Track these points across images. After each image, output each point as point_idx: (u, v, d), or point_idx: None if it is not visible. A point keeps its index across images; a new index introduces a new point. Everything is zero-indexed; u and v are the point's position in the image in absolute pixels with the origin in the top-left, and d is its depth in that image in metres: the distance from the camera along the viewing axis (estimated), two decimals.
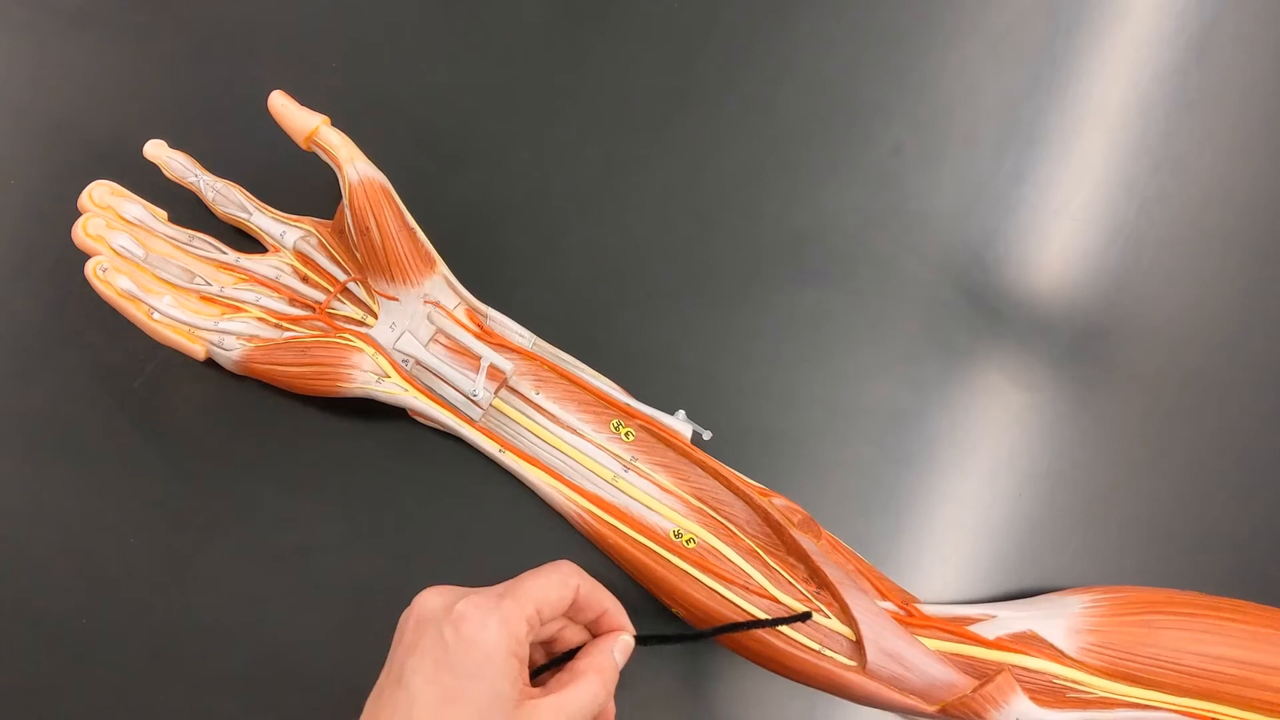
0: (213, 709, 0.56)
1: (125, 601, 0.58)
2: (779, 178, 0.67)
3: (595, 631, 0.49)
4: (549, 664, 0.48)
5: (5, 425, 0.62)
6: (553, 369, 0.59)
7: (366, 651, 0.57)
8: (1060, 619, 0.52)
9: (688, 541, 0.54)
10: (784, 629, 0.51)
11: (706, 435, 0.58)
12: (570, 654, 0.47)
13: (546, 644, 0.49)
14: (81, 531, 0.60)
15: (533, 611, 0.43)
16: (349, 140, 0.57)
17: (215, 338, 0.59)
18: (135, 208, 0.62)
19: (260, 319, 0.60)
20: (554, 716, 0.42)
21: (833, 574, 0.52)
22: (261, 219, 0.63)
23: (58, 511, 0.60)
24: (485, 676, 0.41)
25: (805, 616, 0.51)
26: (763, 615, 0.51)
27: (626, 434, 0.58)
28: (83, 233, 0.59)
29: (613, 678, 0.46)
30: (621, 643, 0.48)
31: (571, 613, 0.47)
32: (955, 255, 0.64)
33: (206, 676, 0.57)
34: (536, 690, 0.44)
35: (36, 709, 0.56)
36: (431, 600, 0.43)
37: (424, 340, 0.59)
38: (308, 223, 0.63)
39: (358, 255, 0.59)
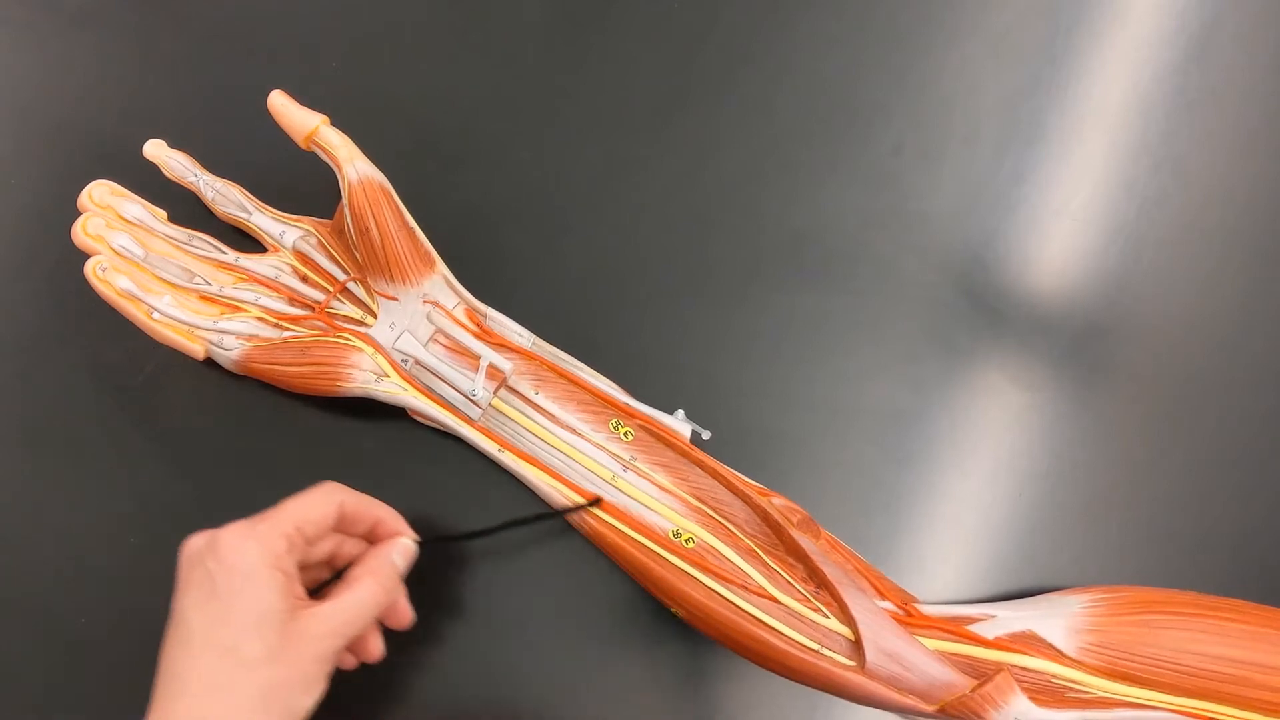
0: None
1: (125, 601, 0.58)
2: (779, 177, 0.67)
3: (374, 543, 0.51)
4: (332, 579, 0.49)
5: (5, 424, 0.62)
6: (552, 368, 0.59)
7: None
8: (1059, 619, 0.52)
9: (687, 541, 0.54)
10: (784, 629, 0.51)
11: (706, 435, 0.58)
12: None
13: (330, 563, 0.50)
14: (81, 531, 0.60)
15: (291, 528, 0.46)
16: (348, 140, 0.57)
17: (215, 337, 0.59)
18: (135, 207, 0.62)
19: (260, 318, 0.60)
20: (329, 620, 0.45)
21: (832, 573, 0.52)
22: (261, 219, 0.63)
23: (57, 511, 0.60)
24: (249, 593, 0.43)
25: (595, 502, 0.55)
26: (763, 616, 0.51)
27: (625, 433, 0.58)
28: (82, 232, 0.60)
29: (390, 578, 0.48)
30: (399, 546, 0.50)
31: (343, 527, 0.49)
32: (955, 255, 0.64)
33: None
34: (313, 600, 0.46)
35: (36, 708, 0.56)
36: (195, 541, 0.46)
37: (423, 340, 0.59)
38: (307, 222, 0.63)
39: (357, 255, 0.59)
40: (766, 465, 0.58)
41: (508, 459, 0.57)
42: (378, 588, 0.47)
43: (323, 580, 0.50)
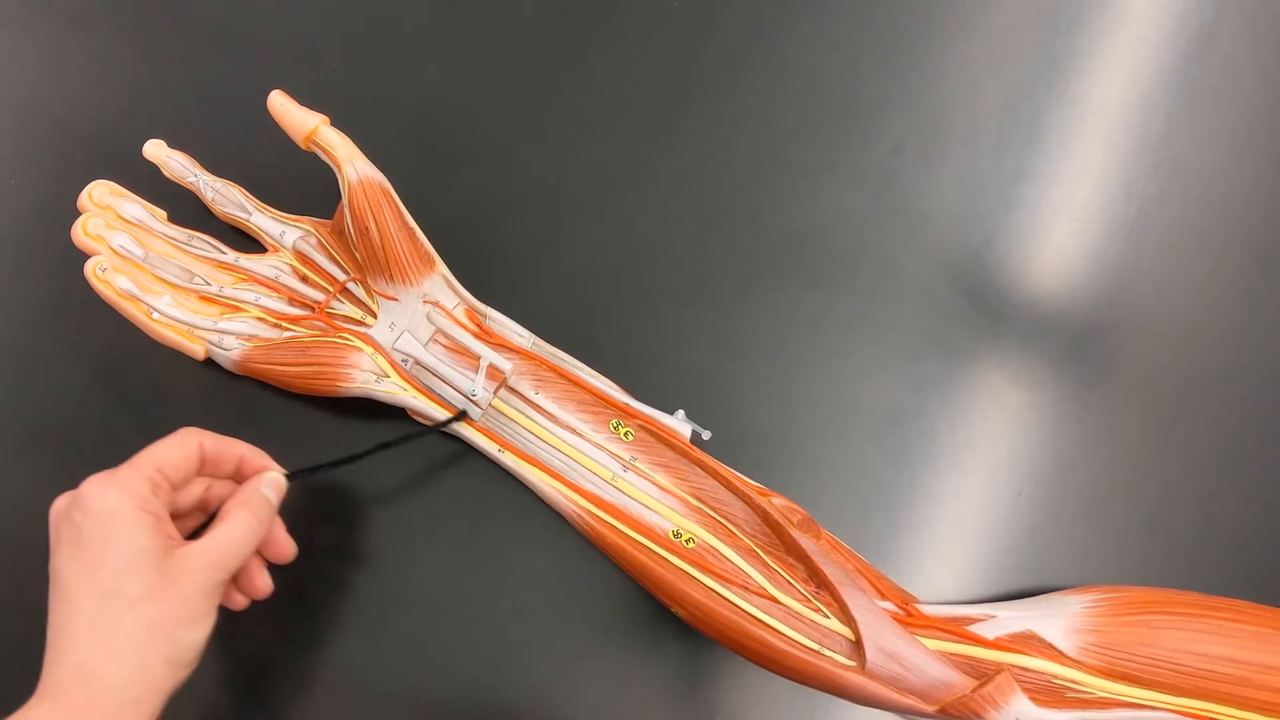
0: (212, 706, 0.56)
1: None
2: (779, 177, 0.67)
3: (240, 483, 0.51)
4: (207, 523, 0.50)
5: (5, 424, 0.62)
6: (552, 369, 0.59)
7: (367, 649, 0.57)
8: (1059, 619, 0.52)
9: (687, 541, 0.54)
10: (784, 629, 0.51)
11: (706, 435, 0.58)
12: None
13: (202, 508, 0.51)
14: None
15: (152, 471, 0.46)
16: (348, 140, 0.57)
17: (214, 337, 0.59)
18: (135, 207, 0.62)
19: (259, 319, 0.60)
20: (205, 555, 0.45)
21: (832, 574, 0.52)
22: (261, 219, 0.63)
23: None
24: (119, 536, 0.43)
25: (460, 416, 0.56)
26: (763, 616, 0.51)
27: (626, 434, 0.58)
28: (82, 232, 0.60)
29: (261, 508, 0.49)
30: (268, 479, 0.50)
31: (208, 470, 0.50)
32: (955, 255, 0.64)
33: (208, 674, 0.56)
34: (190, 540, 0.46)
35: None
36: (58, 501, 0.46)
37: (423, 340, 0.59)
38: (307, 222, 0.63)
39: (357, 255, 0.59)
40: (766, 465, 0.58)
41: (508, 459, 0.57)
42: (250, 518, 0.48)
43: (199, 526, 0.51)
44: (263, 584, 0.51)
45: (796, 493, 0.57)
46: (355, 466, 0.56)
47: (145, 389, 0.62)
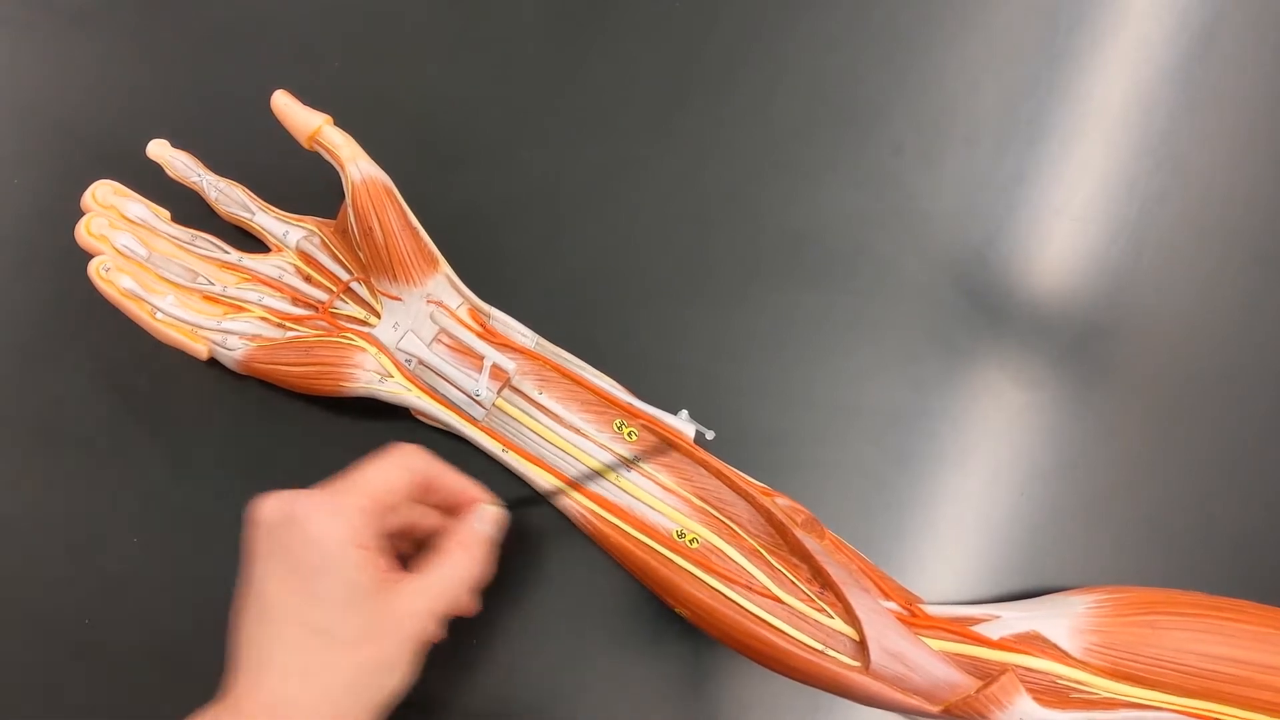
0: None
1: (128, 601, 0.58)
2: (780, 177, 0.67)
3: (454, 511, 0.49)
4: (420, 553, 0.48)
5: (8, 424, 0.62)
6: (556, 369, 0.59)
7: None
8: (1064, 619, 0.52)
9: (691, 541, 0.54)
10: (788, 630, 0.51)
11: (709, 435, 0.58)
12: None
13: (407, 532, 0.49)
14: (84, 531, 0.60)
15: (368, 501, 0.44)
16: (352, 139, 0.57)
17: (218, 337, 0.59)
18: (138, 207, 0.62)
19: (263, 318, 0.60)
20: (418, 596, 0.43)
21: (836, 574, 0.52)
22: (264, 218, 0.63)
23: (60, 511, 0.60)
24: (332, 570, 0.41)
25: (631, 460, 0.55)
26: (767, 617, 0.51)
27: (629, 434, 0.58)
28: (85, 232, 0.60)
29: (479, 549, 0.47)
30: (485, 513, 0.48)
31: (421, 495, 0.48)
32: (956, 255, 0.64)
33: (208, 674, 0.56)
34: (399, 574, 0.44)
35: (39, 708, 0.57)
36: (268, 507, 0.44)
37: (427, 340, 0.59)
38: (310, 222, 0.63)
39: (361, 255, 0.59)
40: (769, 465, 0.59)
41: (511, 459, 0.57)
42: (467, 561, 0.46)
43: (402, 552, 0.49)
44: (470, 607, 0.49)
45: (799, 493, 0.57)
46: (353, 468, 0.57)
47: (148, 389, 0.62)
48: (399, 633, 0.42)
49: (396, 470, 0.46)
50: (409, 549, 0.49)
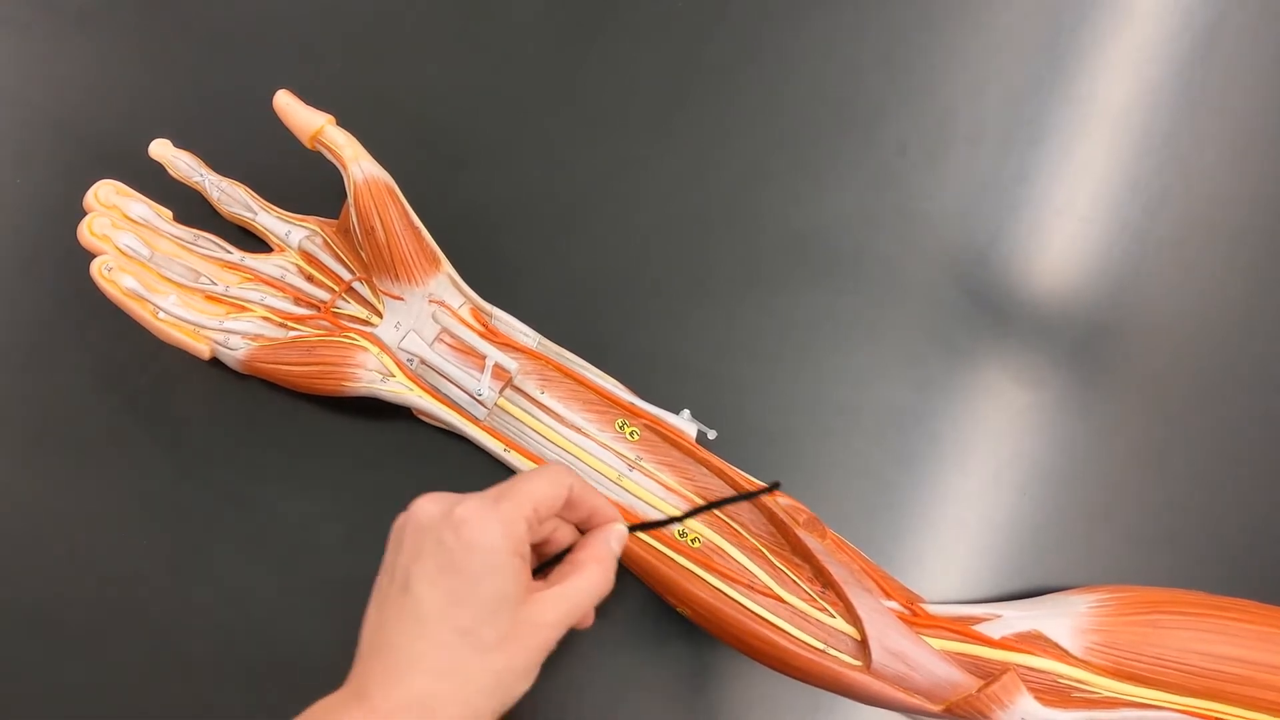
0: (214, 706, 0.56)
1: (129, 600, 0.58)
2: (783, 177, 0.67)
3: (585, 529, 0.49)
4: (546, 563, 0.48)
5: (10, 424, 0.62)
6: (558, 368, 0.59)
7: None
8: (1065, 619, 0.52)
9: (693, 541, 0.54)
10: (790, 629, 0.51)
11: (711, 434, 0.58)
12: (565, 553, 0.48)
13: (540, 546, 0.49)
14: (86, 530, 0.60)
15: (530, 511, 0.44)
16: (354, 139, 0.57)
17: (220, 337, 0.59)
18: (140, 207, 0.62)
19: (265, 318, 0.60)
20: (559, 605, 0.44)
21: (837, 573, 0.52)
22: (266, 218, 0.63)
23: (62, 510, 0.60)
24: (490, 577, 0.41)
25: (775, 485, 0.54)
26: (769, 616, 0.51)
27: (631, 433, 0.58)
28: (88, 232, 0.60)
29: (612, 565, 0.47)
30: (616, 532, 0.49)
31: (564, 512, 0.48)
32: (959, 255, 0.64)
33: (208, 674, 0.57)
34: (539, 584, 0.45)
35: (39, 706, 0.57)
36: (429, 507, 0.44)
37: (429, 339, 0.59)
38: (313, 222, 0.63)
39: (363, 254, 0.59)
40: (771, 465, 0.59)
41: (513, 459, 0.57)
42: (601, 575, 0.46)
43: (533, 565, 0.49)
44: (588, 620, 0.50)
45: (801, 492, 0.57)
46: (355, 468, 0.56)
47: (151, 389, 0.62)
48: (536, 639, 0.43)
49: (553, 484, 0.46)
50: (535, 561, 0.49)
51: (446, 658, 0.41)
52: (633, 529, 0.50)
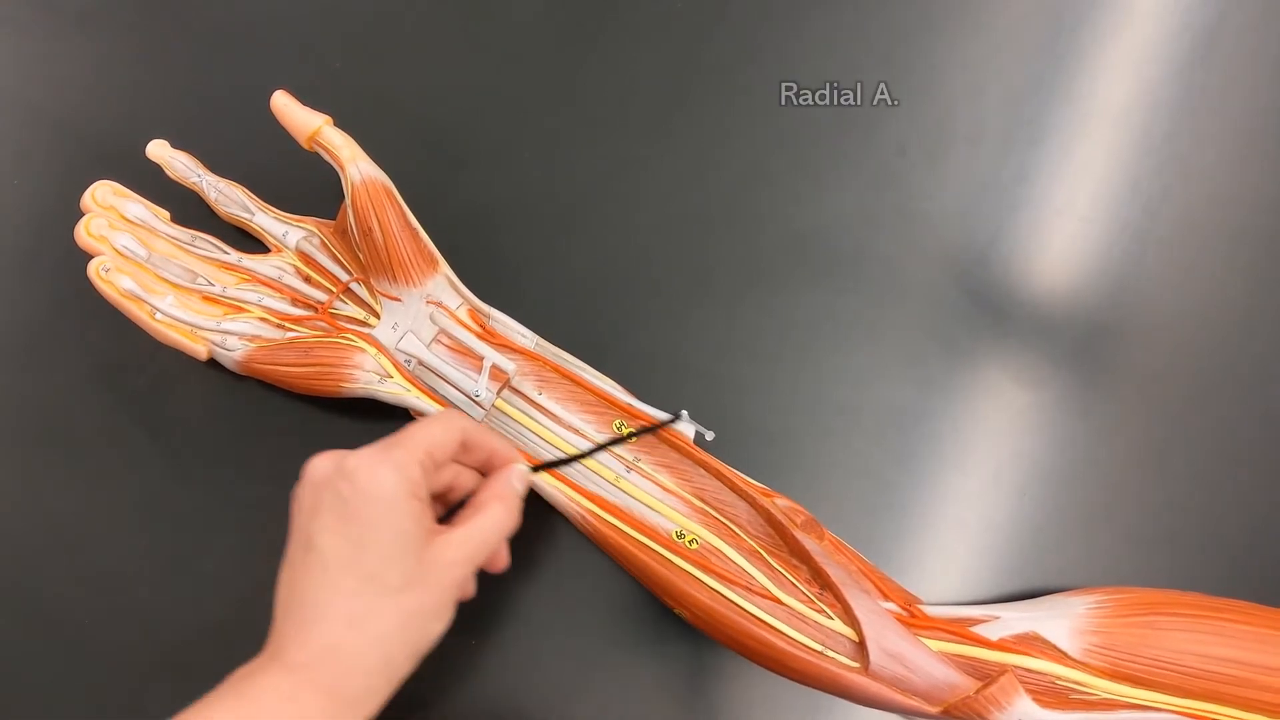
0: None
1: (126, 601, 0.58)
2: (782, 177, 0.67)
3: (487, 473, 0.51)
4: (453, 510, 0.50)
5: (8, 425, 0.62)
6: (555, 369, 0.59)
7: None
8: (1063, 620, 0.52)
9: (690, 542, 0.54)
10: (788, 630, 0.51)
11: (709, 436, 0.58)
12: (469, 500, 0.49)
13: (445, 494, 0.50)
14: (83, 531, 0.60)
15: (423, 454, 0.45)
16: (351, 140, 0.57)
17: (217, 338, 0.59)
18: (138, 208, 0.62)
19: (262, 319, 0.60)
20: (463, 544, 0.45)
21: (835, 574, 0.52)
22: (264, 219, 0.63)
23: (59, 511, 0.60)
24: (388, 521, 0.43)
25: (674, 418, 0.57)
26: (766, 617, 0.51)
27: (629, 434, 0.58)
28: (85, 233, 0.60)
29: (515, 503, 0.49)
30: (517, 471, 0.50)
31: (461, 456, 0.49)
32: (959, 255, 0.64)
33: (208, 673, 0.56)
34: (444, 526, 0.46)
35: (38, 705, 0.57)
36: (321, 464, 0.45)
37: (426, 341, 0.59)
38: (310, 223, 0.63)
39: (360, 255, 0.59)
40: (769, 466, 0.58)
41: None
42: (505, 513, 0.47)
43: (438, 514, 0.50)
44: (502, 561, 0.51)
45: (799, 494, 0.56)
46: None
47: (148, 390, 0.62)
48: (443, 579, 0.44)
49: (445, 428, 0.47)
50: (441, 509, 0.51)
51: (354, 605, 0.42)
52: (535, 469, 0.52)
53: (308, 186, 0.63)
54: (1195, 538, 0.58)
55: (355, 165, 0.56)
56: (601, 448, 0.55)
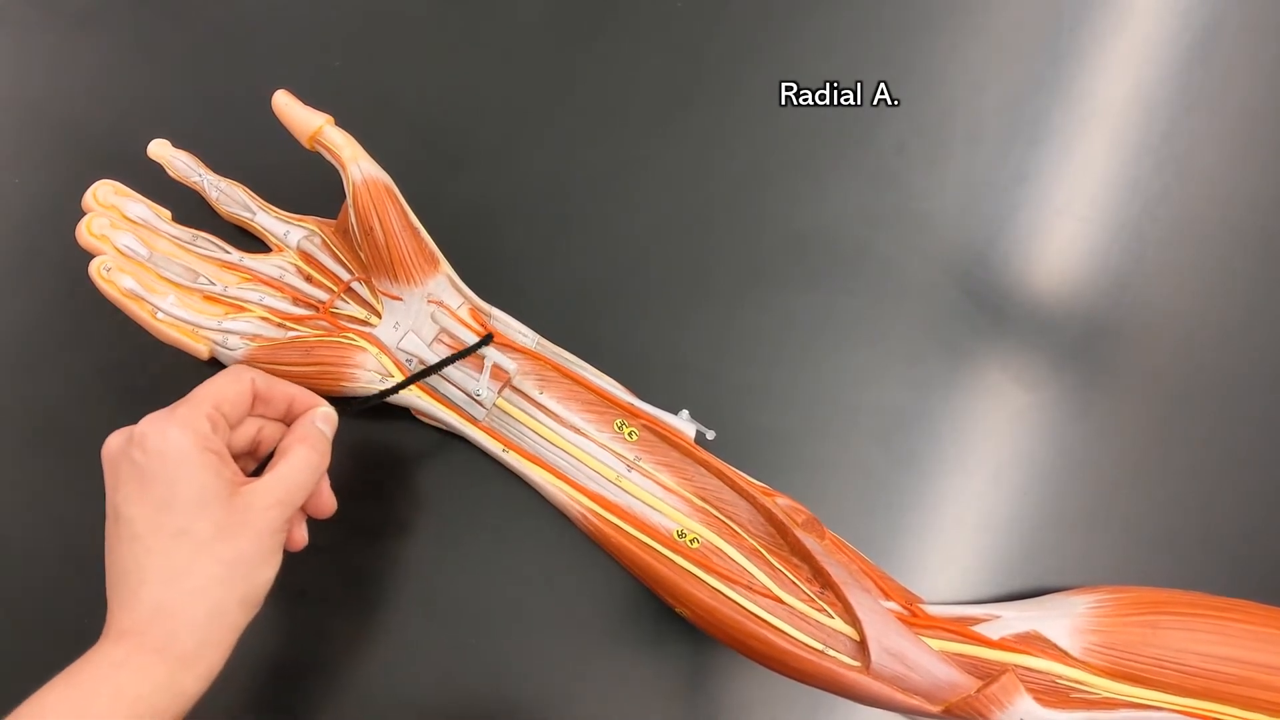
0: (213, 705, 0.56)
1: None
2: (782, 177, 0.67)
3: (290, 420, 0.51)
4: (264, 464, 0.50)
5: (9, 424, 0.62)
6: (556, 369, 0.59)
7: (367, 649, 0.57)
8: (1064, 619, 0.52)
9: (691, 541, 0.54)
10: (789, 629, 0.51)
11: (710, 435, 0.58)
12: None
13: (253, 450, 0.51)
14: (84, 531, 0.60)
15: (210, 408, 0.46)
16: (353, 139, 0.57)
17: (219, 337, 0.59)
18: (139, 207, 0.62)
19: (264, 318, 0.60)
20: (273, 489, 0.45)
21: (836, 574, 0.52)
22: (265, 218, 0.63)
23: (60, 511, 0.60)
24: (184, 476, 0.43)
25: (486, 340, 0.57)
26: (768, 616, 0.51)
27: (630, 433, 0.58)
28: (87, 232, 0.60)
29: (321, 444, 0.49)
30: (320, 413, 0.51)
31: (260, 409, 0.50)
32: (958, 255, 0.64)
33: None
34: (250, 479, 0.46)
35: None
36: (112, 440, 0.46)
37: (428, 340, 0.59)
38: (311, 222, 0.63)
39: (361, 255, 0.59)
40: (770, 465, 0.59)
41: (512, 459, 0.57)
42: (311, 452, 0.48)
43: (250, 470, 0.51)
44: (328, 505, 0.51)
45: (800, 493, 0.57)
46: (354, 468, 0.56)
47: (149, 389, 0.62)
48: (258, 525, 0.44)
49: (233, 380, 0.48)
50: (253, 464, 0.51)
51: (170, 562, 0.42)
52: (338, 409, 0.52)
53: (309, 186, 0.63)
54: (1195, 538, 0.58)
55: (356, 164, 0.56)
56: (417, 378, 0.55)
